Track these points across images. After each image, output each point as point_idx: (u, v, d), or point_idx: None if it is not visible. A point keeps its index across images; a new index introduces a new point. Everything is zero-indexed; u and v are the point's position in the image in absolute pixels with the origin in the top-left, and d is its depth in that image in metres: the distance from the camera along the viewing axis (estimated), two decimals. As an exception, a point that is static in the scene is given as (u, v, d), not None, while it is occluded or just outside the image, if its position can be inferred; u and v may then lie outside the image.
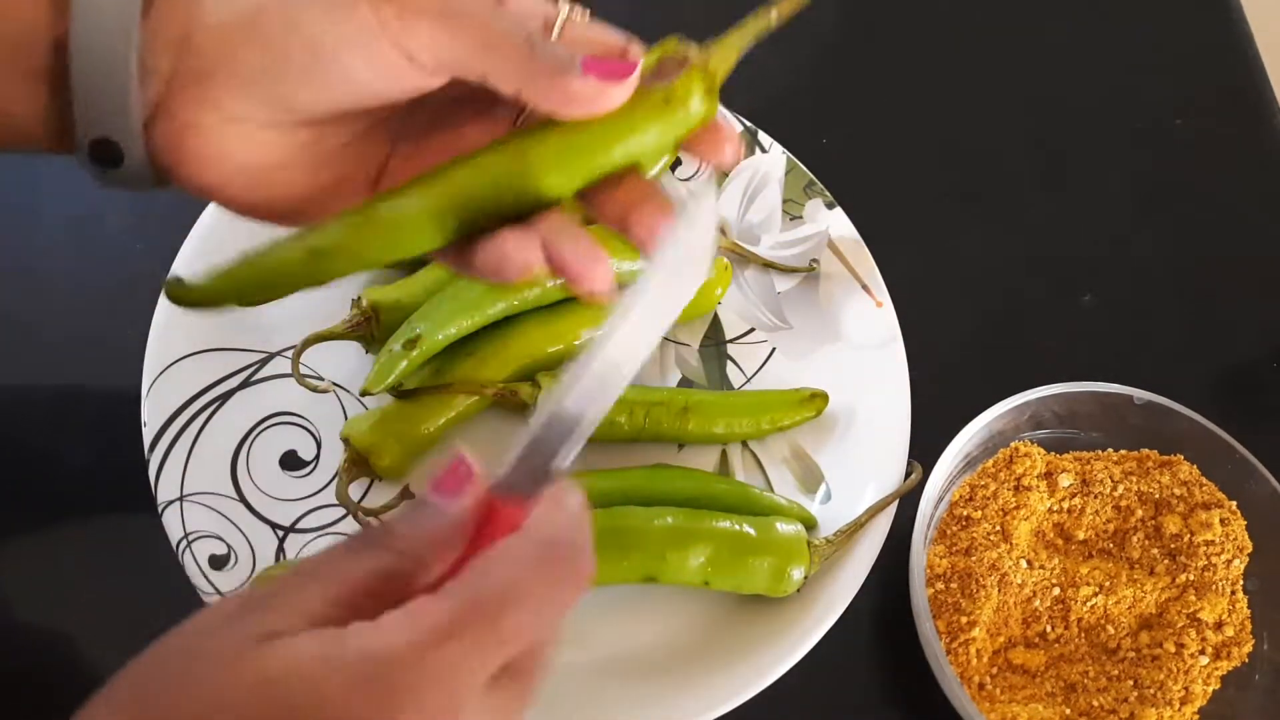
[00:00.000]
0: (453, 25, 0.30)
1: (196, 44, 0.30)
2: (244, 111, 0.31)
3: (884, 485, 0.51)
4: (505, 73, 0.30)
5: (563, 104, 0.30)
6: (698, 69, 0.33)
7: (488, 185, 0.32)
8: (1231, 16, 0.72)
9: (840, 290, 0.57)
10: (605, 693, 0.47)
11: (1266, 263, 0.64)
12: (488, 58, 0.30)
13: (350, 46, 0.30)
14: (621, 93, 0.31)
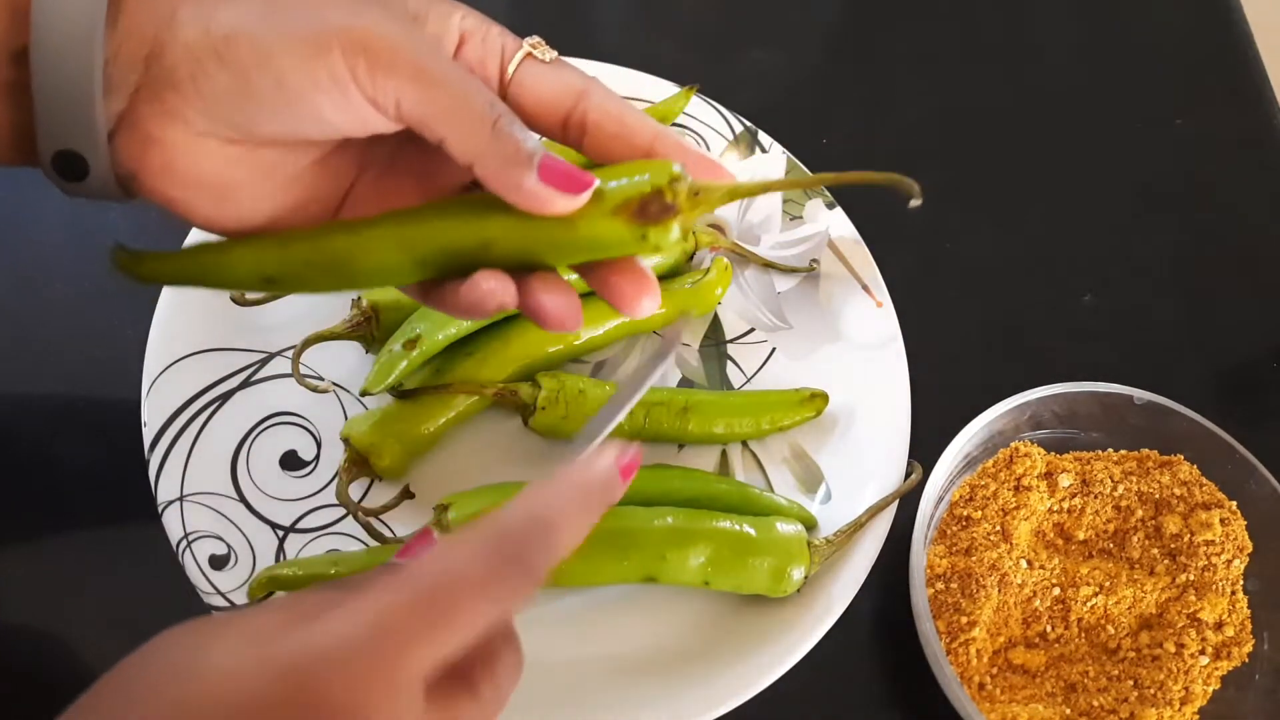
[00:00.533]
0: (422, 87, 0.30)
1: (167, 60, 0.30)
2: (208, 129, 0.31)
3: (884, 485, 0.51)
4: (464, 146, 0.31)
5: (511, 193, 0.31)
6: (680, 218, 0.32)
7: (447, 245, 0.32)
8: (1232, 17, 0.72)
9: (840, 290, 0.57)
10: (605, 693, 0.47)
11: (1266, 263, 0.64)
12: (450, 127, 0.31)
13: (318, 89, 0.30)
14: (570, 203, 0.31)
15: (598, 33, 0.69)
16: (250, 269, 0.33)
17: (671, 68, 0.62)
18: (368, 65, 0.30)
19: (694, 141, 0.61)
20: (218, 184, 0.32)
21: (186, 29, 0.30)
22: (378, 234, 0.33)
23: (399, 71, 0.30)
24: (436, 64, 0.31)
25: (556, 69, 0.34)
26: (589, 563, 0.47)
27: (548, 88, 0.33)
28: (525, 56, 0.33)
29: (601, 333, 0.54)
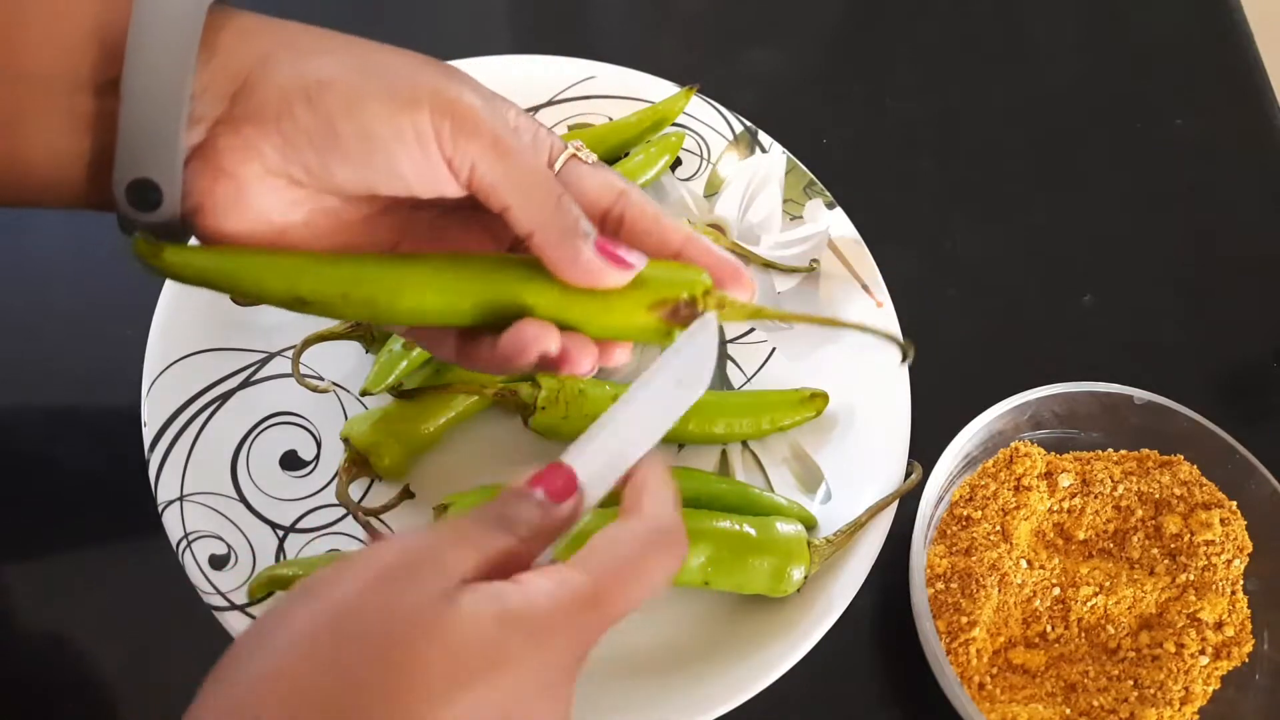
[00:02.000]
0: (498, 156, 0.32)
1: (256, 97, 0.31)
2: (281, 168, 0.32)
3: (884, 485, 0.51)
4: (528, 215, 0.32)
5: (566, 264, 0.33)
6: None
7: (488, 300, 0.34)
8: (1232, 17, 0.72)
9: (840, 290, 0.57)
10: (605, 693, 0.47)
11: (1266, 263, 0.64)
12: (519, 196, 0.32)
13: (401, 144, 0.31)
14: (619, 278, 0.33)
15: (598, 33, 0.69)
16: (283, 285, 0.33)
17: (671, 68, 0.62)
18: (453, 128, 0.31)
19: (695, 142, 0.61)
20: (274, 223, 0.33)
21: (281, 70, 0.31)
22: (420, 275, 0.34)
23: (480, 138, 0.32)
24: (512, 138, 0.33)
25: (598, 169, 0.35)
26: (589, 563, 0.47)
27: (590, 185, 0.35)
28: (570, 157, 0.35)
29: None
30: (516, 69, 0.60)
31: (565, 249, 0.32)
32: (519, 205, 0.32)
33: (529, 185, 0.32)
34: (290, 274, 0.33)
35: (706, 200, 0.60)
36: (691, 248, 0.35)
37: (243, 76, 0.31)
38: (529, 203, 0.32)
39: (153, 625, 0.48)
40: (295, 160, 0.32)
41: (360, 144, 0.31)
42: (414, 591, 0.26)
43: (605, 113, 0.61)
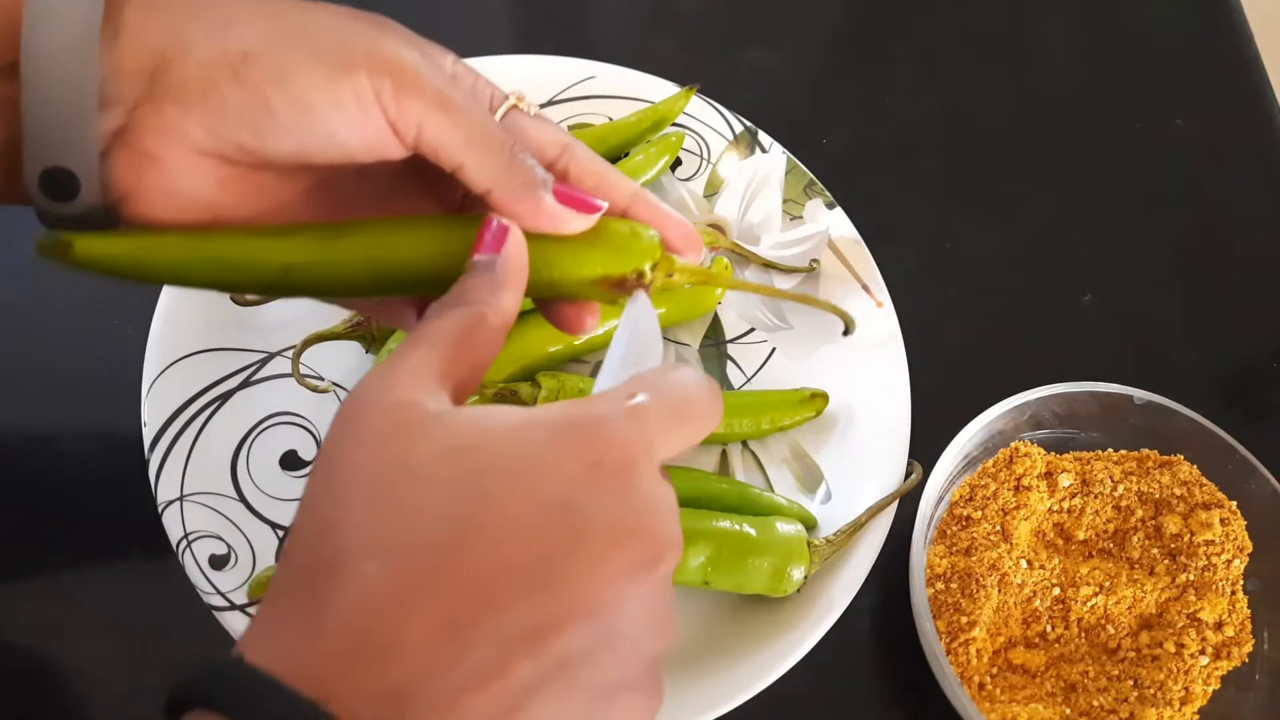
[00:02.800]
0: (445, 114, 0.31)
1: (174, 75, 0.29)
2: (211, 146, 0.30)
3: (884, 485, 0.51)
4: (483, 172, 0.31)
5: (529, 216, 0.32)
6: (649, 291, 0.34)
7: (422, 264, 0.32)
8: (1232, 17, 0.72)
9: (840, 290, 0.57)
10: (605, 693, 0.47)
11: (1266, 263, 0.64)
12: (470, 150, 0.31)
13: (340, 111, 0.30)
14: (583, 223, 0.32)
15: (598, 33, 0.69)
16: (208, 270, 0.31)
17: (671, 68, 0.62)
18: (394, 88, 0.30)
19: (695, 142, 0.61)
20: (207, 204, 0.31)
21: (200, 46, 0.29)
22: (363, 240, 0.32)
23: (424, 97, 0.30)
24: (457, 93, 0.31)
25: (539, 122, 0.34)
26: (589, 563, 0.47)
27: (533, 137, 0.34)
28: (511, 107, 0.34)
29: (602, 333, 0.54)
30: (516, 69, 0.60)
31: (526, 201, 0.31)
32: (472, 162, 0.31)
33: (480, 141, 0.31)
34: (216, 255, 0.31)
35: (706, 200, 0.60)
36: (639, 204, 0.34)
37: (159, 53, 0.29)
38: (482, 159, 0.31)
39: (153, 625, 0.48)
40: (226, 138, 0.30)
41: (296, 115, 0.30)
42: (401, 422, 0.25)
43: (605, 113, 0.61)
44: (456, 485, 0.24)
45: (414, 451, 0.25)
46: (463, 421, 0.26)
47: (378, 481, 0.25)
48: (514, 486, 0.24)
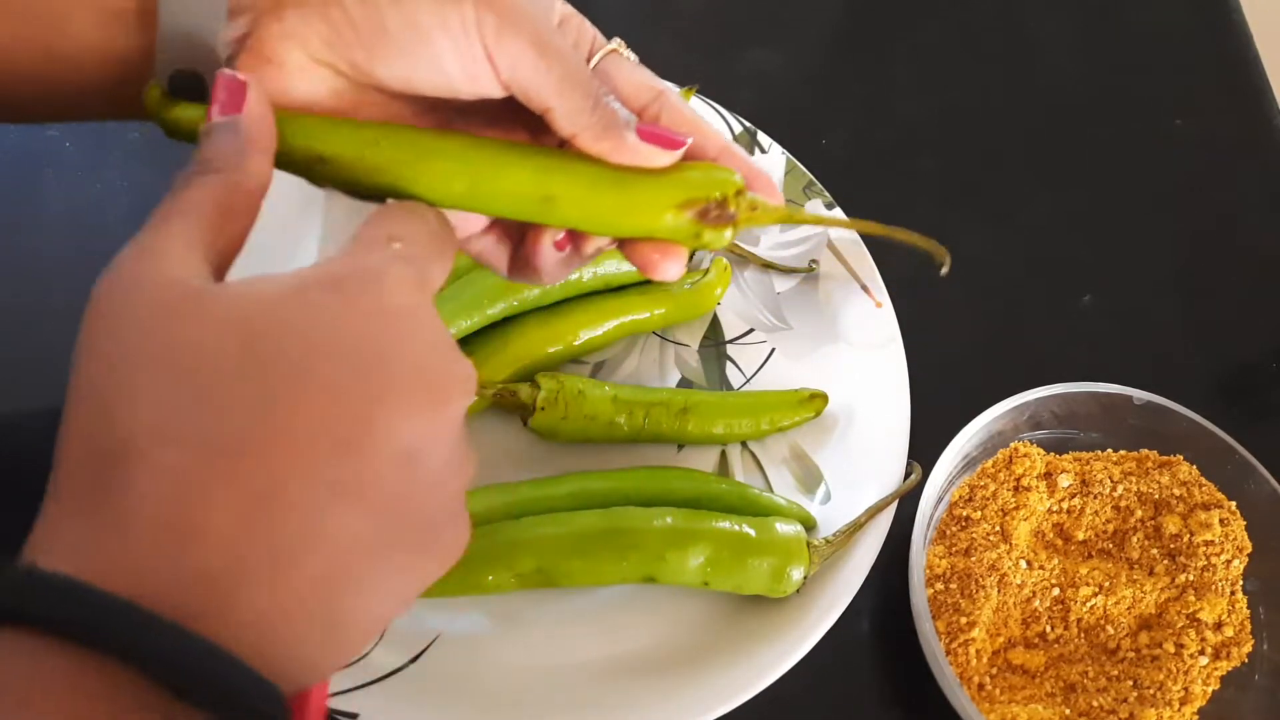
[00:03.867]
0: (541, 54, 0.31)
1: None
2: (327, 57, 0.31)
3: (884, 485, 0.51)
4: (570, 114, 0.32)
5: (611, 152, 0.32)
6: (734, 226, 0.34)
7: (512, 188, 0.32)
8: (1231, 17, 0.72)
9: (840, 290, 0.57)
10: (605, 693, 0.47)
11: (1266, 263, 0.64)
12: (560, 96, 0.32)
13: (446, 35, 0.31)
14: (666, 158, 0.33)
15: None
16: (301, 140, 0.32)
17: (671, 68, 0.61)
18: (496, 22, 0.31)
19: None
20: (320, 113, 0.32)
21: None
22: (447, 148, 0.32)
23: (522, 35, 0.31)
24: (554, 36, 0.32)
25: (636, 68, 0.35)
26: (589, 563, 0.47)
27: (627, 82, 0.34)
28: (610, 52, 0.35)
29: (601, 333, 0.54)
30: (516, 69, 0.60)
31: (608, 141, 0.32)
32: (560, 108, 0.32)
33: (570, 87, 0.32)
34: (309, 129, 0.32)
35: (706, 200, 0.60)
36: (728, 156, 0.34)
37: None
38: (571, 105, 0.32)
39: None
40: (341, 51, 0.31)
41: (407, 35, 0.31)
42: (160, 300, 0.25)
43: (605, 113, 0.61)
44: (243, 358, 0.24)
45: (192, 329, 0.24)
46: (234, 294, 0.25)
47: (159, 364, 0.24)
48: (301, 350, 0.24)
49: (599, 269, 0.54)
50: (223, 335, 0.24)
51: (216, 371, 0.24)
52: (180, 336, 0.24)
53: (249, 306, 0.25)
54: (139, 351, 0.24)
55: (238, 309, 0.25)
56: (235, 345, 0.24)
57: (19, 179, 0.58)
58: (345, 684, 0.44)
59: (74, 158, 0.58)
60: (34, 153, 0.58)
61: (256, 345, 0.24)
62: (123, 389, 0.24)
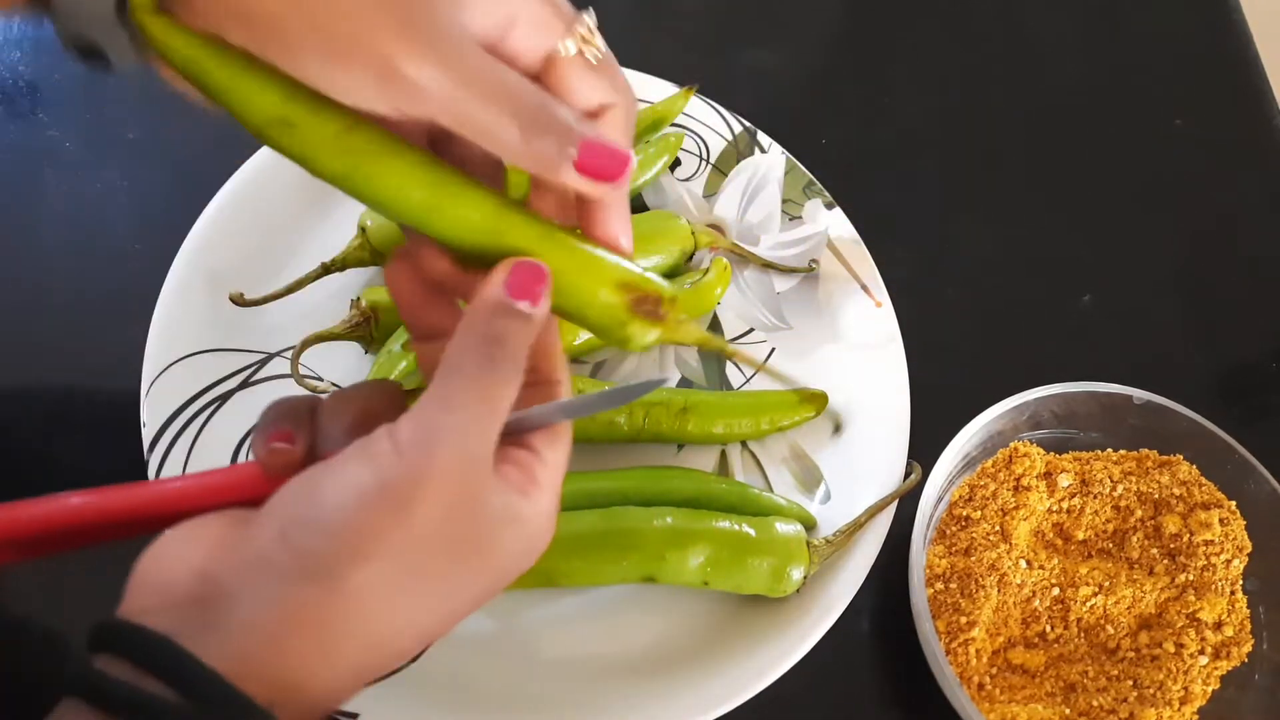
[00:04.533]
0: (455, 87, 0.30)
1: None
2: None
3: (884, 485, 0.51)
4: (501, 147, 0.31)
5: (550, 181, 0.31)
6: (659, 330, 0.34)
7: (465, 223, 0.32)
8: (1231, 17, 0.72)
9: (840, 290, 0.57)
10: (605, 693, 0.47)
11: (1266, 263, 0.64)
12: (483, 133, 0.30)
13: (350, 75, 0.29)
14: (607, 192, 0.32)
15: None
16: (274, 96, 0.30)
17: (671, 68, 0.62)
18: (406, 51, 0.29)
19: (694, 142, 0.61)
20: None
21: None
22: (417, 156, 0.31)
23: (432, 63, 0.29)
24: (469, 61, 0.30)
25: (592, 78, 0.32)
26: (589, 563, 0.47)
27: (576, 91, 0.32)
28: (572, 54, 0.32)
29: (601, 333, 0.54)
30: (516, 69, 0.60)
31: (545, 173, 0.31)
32: (488, 141, 0.30)
33: (493, 119, 0.30)
34: (289, 90, 0.30)
35: (706, 200, 0.60)
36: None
37: None
38: (498, 139, 0.30)
39: (152, 625, 0.48)
40: (258, 49, 0.30)
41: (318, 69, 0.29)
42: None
43: (605, 113, 0.61)
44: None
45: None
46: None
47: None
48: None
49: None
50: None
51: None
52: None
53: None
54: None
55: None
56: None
57: (19, 178, 0.58)
58: (345, 684, 0.44)
59: (74, 157, 0.58)
60: (34, 151, 0.58)
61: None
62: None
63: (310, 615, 0.27)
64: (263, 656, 0.26)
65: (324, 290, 0.53)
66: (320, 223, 0.56)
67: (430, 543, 0.28)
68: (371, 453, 0.28)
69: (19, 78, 0.61)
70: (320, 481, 0.28)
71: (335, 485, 0.28)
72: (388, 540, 0.27)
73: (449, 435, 0.28)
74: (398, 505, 0.27)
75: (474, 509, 0.29)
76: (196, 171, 0.55)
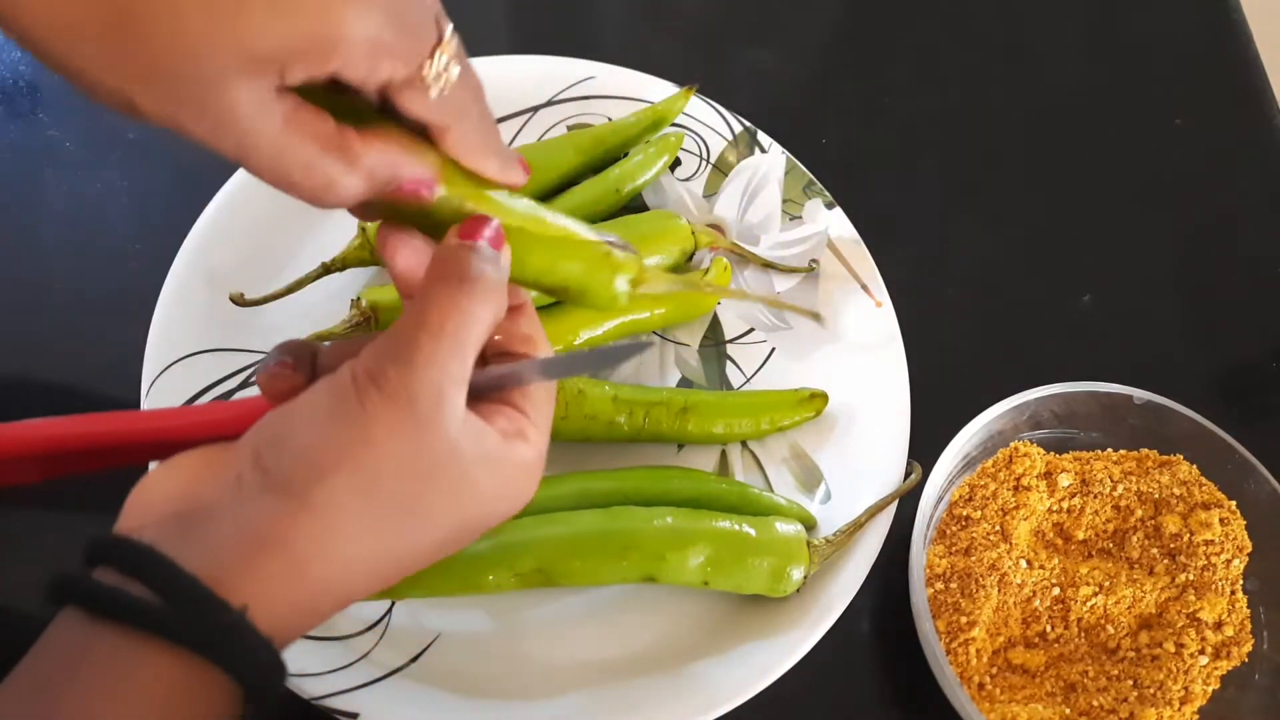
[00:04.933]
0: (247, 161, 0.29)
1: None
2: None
3: (884, 485, 0.51)
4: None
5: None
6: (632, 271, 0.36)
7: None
8: (1231, 17, 0.72)
9: (840, 290, 0.57)
10: (605, 693, 0.47)
11: (1266, 263, 0.64)
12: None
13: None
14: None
15: (597, 33, 0.69)
16: None
17: (671, 68, 0.62)
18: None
19: (694, 142, 0.61)
20: None
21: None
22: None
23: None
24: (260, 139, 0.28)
25: (431, 109, 0.31)
26: (589, 563, 0.47)
27: (412, 118, 0.31)
28: (420, 83, 0.30)
29: (601, 333, 0.54)
30: (516, 69, 0.60)
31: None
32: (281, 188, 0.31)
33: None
34: None
35: (706, 200, 0.60)
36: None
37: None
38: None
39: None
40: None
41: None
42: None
43: (604, 113, 0.61)
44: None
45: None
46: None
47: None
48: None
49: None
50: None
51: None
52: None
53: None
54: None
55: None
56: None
57: (19, 178, 0.58)
58: (345, 684, 0.44)
59: (74, 157, 0.58)
60: (34, 151, 0.58)
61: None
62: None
63: (277, 528, 0.28)
64: (235, 565, 0.28)
65: (324, 290, 0.53)
66: (320, 223, 0.56)
67: (393, 465, 0.29)
68: (334, 382, 0.30)
69: (19, 78, 0.61)
70: (291, 409, 0.30)
71: (303, 410, 0.30)
72: (350, 458, 0.29)
73: (407, 363, 0.29)
74: (357, 427, 0.29)
75: (441, 437, 0.30)
76: (196, 171, 0.55)
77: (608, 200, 0.57)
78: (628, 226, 0.56)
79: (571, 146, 0.58)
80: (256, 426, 0.31)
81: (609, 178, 0.58)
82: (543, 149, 0.59)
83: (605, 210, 0.58)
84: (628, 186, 0.58)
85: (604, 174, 0.58)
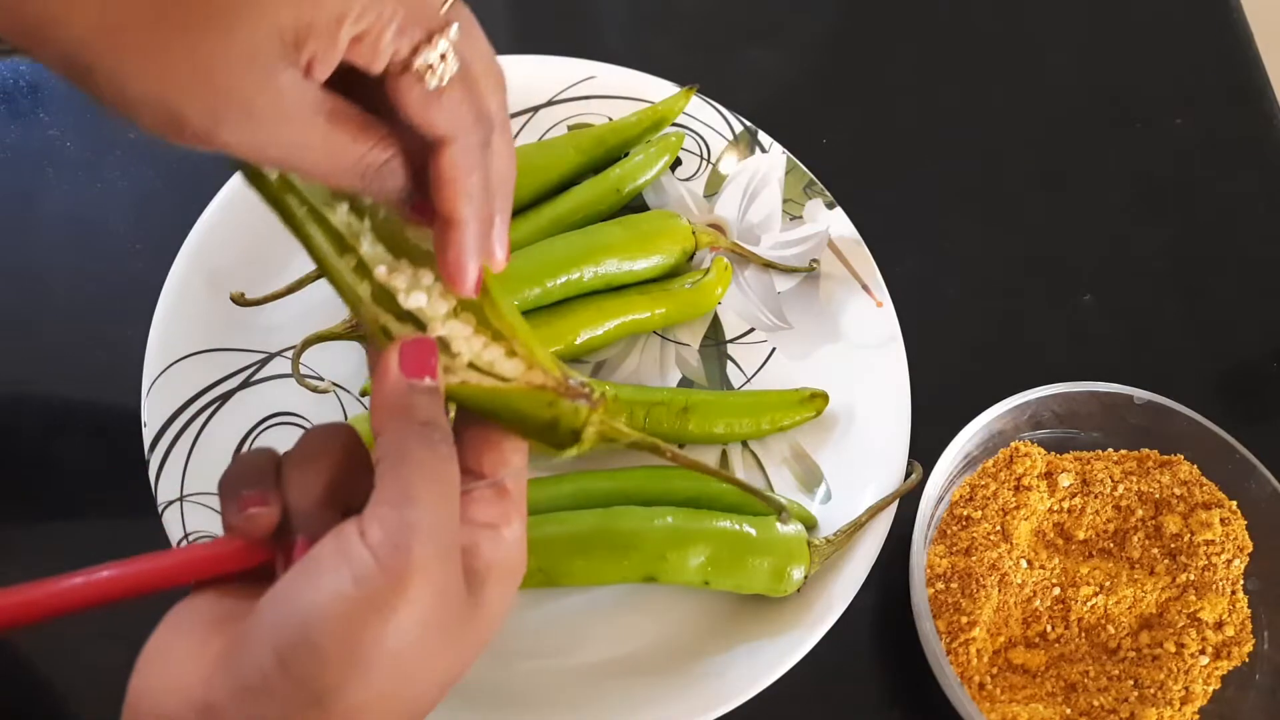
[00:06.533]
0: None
1: None
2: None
3: (884, 485, 0.51)
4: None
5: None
6: (591, 428, 0.34)
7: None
8: (1231, 17, 0.72)
9: (840, 290, 0.57)
10: (605, 693, 0.47)
11: (1266, 263, 0.64)
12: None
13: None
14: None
15: (598, 33, 0.69)
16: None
17: (671, 68, 0.62)
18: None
19: (694, 142, 0.61)
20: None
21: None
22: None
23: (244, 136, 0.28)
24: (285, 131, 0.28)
25: (429, 107, 0.29)
26: (589, 563, 0.47)
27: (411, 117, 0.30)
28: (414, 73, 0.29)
29: (602, 333, 0.54)
30: (516, 69, 0.60)
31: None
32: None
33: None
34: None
35: (706, 200, 0.60)
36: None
37: None
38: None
39: (152, 626, 0.48)
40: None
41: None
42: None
43: (605, 113, 0.61)
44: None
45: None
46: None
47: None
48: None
49: (599, 269, 0.54)
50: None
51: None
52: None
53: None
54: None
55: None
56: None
57: (19, 178, 0.58)
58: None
59: (74, 157, 0.58)
60: (34, 152, 0.58)
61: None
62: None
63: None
64: None
65: (324, 290, 0.53)
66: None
67: (422, 636, 0.28)
68: (349, 558, 0.27)
69: (19, 78, 0.61)
70: (303, 595, 0.28)
71: (320, 600, 0.27)
72: (380, 648, 0.27)
73: (419, 530, 0.28)
74: (384, 613, 0.27)
75: (457, 590, 0.29)
76: (196, 171, 0.55)
77: (608, 200, 0.57)
78: (628, 226, 0.56)
79: (572, 146, 0.58)
80: (268, 615, 0.28)
81: (609, 177, 0.58)
82: (543, 149, 0.59)
83: (606, 210, 0.58)
84: (628, 186, 0.58)
85: (605, 174, 0.58)
